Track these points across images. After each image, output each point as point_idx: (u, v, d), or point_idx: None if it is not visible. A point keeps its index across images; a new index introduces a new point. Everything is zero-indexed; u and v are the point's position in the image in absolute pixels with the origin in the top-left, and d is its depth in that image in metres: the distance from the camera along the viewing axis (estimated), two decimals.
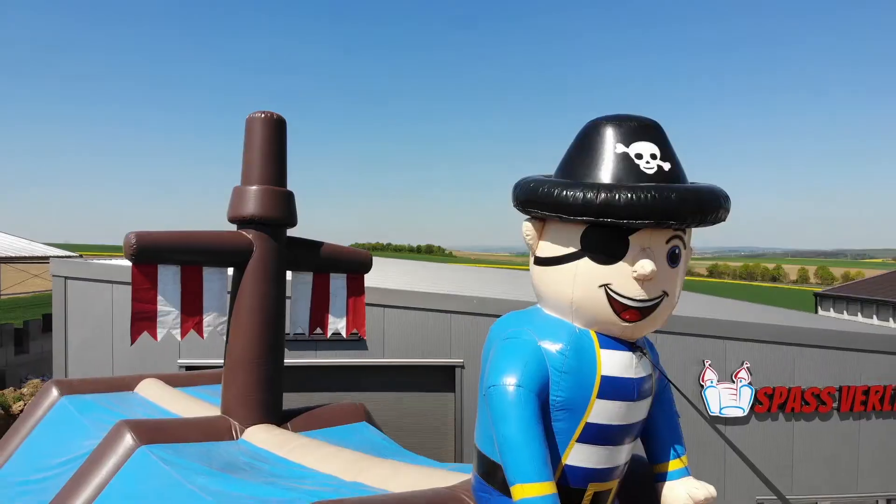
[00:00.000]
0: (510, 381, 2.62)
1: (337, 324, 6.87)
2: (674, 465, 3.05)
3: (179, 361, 14.18)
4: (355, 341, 14.29)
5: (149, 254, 5.56)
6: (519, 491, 2.50)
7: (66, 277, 14.32)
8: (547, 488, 2.48)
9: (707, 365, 14.53)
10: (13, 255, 32.17)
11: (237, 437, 5.90)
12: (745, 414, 14.79)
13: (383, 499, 3.15)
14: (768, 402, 14.68)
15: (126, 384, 8.35)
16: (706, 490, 2.97)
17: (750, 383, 14.65)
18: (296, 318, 6.72)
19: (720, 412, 14.61)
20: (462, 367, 14.51)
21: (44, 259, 34.77)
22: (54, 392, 7.79)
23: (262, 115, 6.26)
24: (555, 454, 2.71)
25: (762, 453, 14.82)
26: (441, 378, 14.75)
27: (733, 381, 14.61)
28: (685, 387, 14.66)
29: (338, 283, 6.92)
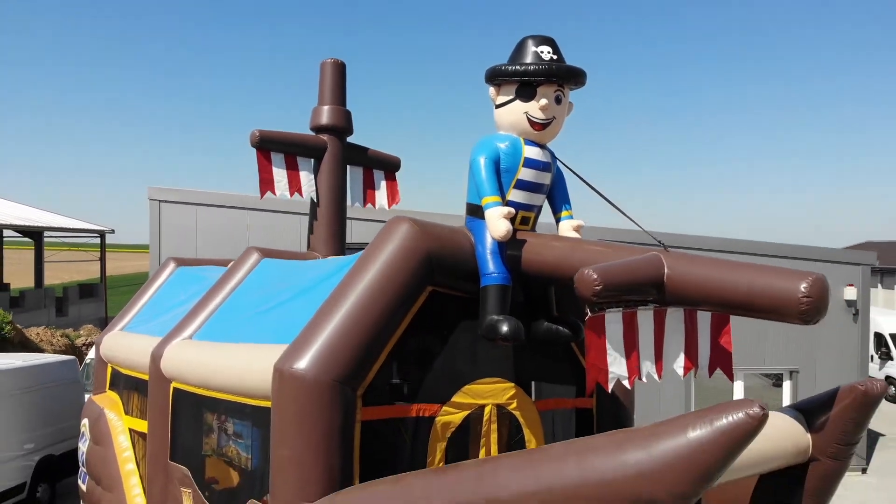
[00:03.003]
0: (481, 156, 5.15)
1: (381, 199, 9.30)
2: (564, 213, 5.59)
3: None
4: None
5: (266, 144, 8.00)
6: (484, 200, 5.03)
7: (160, 201, 16.68)
8: (498, 199, 5.03)
9: None
10: (51, 225, 33.15)
11: None
12: None
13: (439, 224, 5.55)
14: None
15: (223, 263, 10.46)
16: (579, 221, 5.52)
17: None
18: (353, 194, 9.16)
19: None
20: None
21: (80, 231, 35.54)
22: (172, 264, 9.17)
23: (332, 61, 8.66)
24: (503, 194, 5.21)
25: None
26: None
27: None
28: None
29: (379, 174, 9.38)
